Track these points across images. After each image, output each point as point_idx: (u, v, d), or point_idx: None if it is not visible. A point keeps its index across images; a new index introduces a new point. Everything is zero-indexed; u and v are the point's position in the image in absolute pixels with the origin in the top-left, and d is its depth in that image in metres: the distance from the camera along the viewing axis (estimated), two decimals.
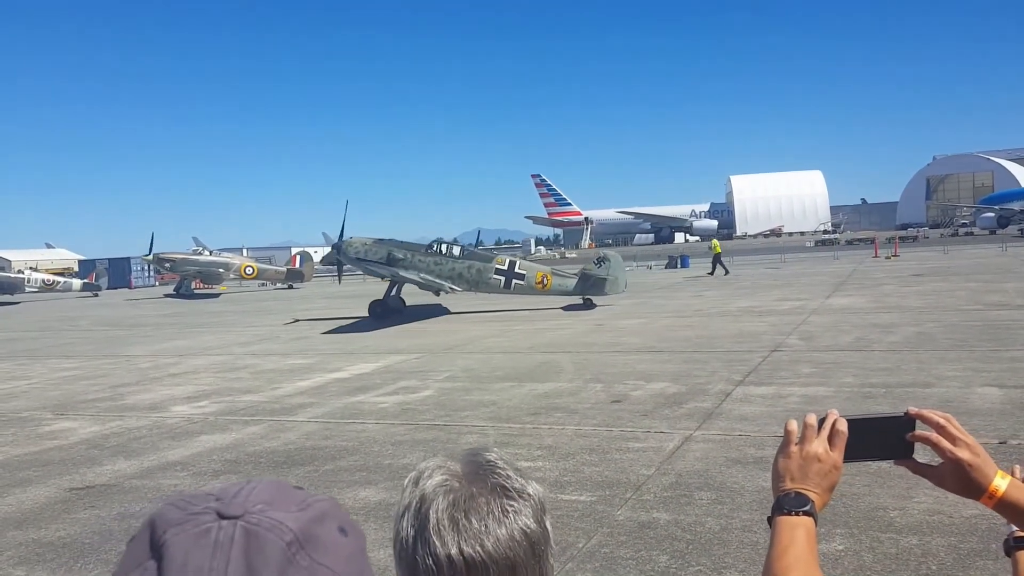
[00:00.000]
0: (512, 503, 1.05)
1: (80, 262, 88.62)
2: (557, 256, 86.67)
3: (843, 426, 1.45)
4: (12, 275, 57.50)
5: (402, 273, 25.51)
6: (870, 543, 5.51)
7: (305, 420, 10.74)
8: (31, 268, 65.98)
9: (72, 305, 45.81)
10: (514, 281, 26.06)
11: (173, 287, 52.00)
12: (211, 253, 51.93)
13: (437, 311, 26.88)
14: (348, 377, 14.16)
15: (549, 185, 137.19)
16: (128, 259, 72.20)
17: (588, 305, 25.26)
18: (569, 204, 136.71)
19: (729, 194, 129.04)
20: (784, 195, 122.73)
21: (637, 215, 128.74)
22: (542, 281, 25.98)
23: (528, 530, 1.05)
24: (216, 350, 19.55)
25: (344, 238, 27.21)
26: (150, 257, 49.29)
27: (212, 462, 8.84)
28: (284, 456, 8.90)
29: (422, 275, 25.68)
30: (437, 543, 1.02)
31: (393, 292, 26.42)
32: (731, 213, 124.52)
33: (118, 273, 69.71)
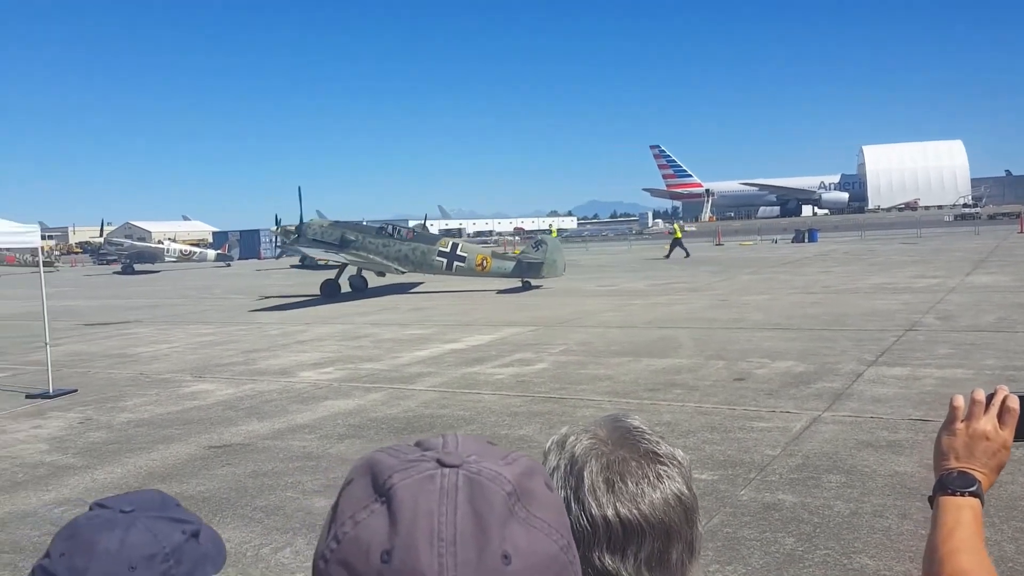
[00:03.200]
0: (664, 468, 1.06)
1: (214, 234, 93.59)
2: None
3: (1015, 403, 1.35)
4: (153, 246, 61.24)
5: (348, 256, 26.49)
6: (1012, 533, 5.16)
7: (423, 389, 10.96)
8: (170, 239, 70.16)
9: (207, 274, 48.39)
10: (455, 263, 26.65)
11: (298, 258, 54.04)
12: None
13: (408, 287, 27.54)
14: (464, 348, 14.35)
15: (668, 156, 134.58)
16: (257, 231, 75.58)
17: (527, 287, 25.54)
18: (689, 176, 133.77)
19: (861, 165, 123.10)
20: (921, 166, 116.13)
21: (762, 187, 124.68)
22: (482, 263, 26.42)
23: (682, 495, 1.05)
24: (339, 319, 20.21)
25: (304, 222, 28.69)
26: (277, 230, 51.36)
27: (337, 426, 9.14)
28: (404, 423, 9.10)
29: (371, 256, 26.77)
30: (593, 504, 1.02)
31: (343, 274, 27.22)
32: (863, 185, 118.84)
33: (248, 244, 73.18)
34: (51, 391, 11.69)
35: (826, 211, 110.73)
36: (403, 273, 27.45)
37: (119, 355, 15.70)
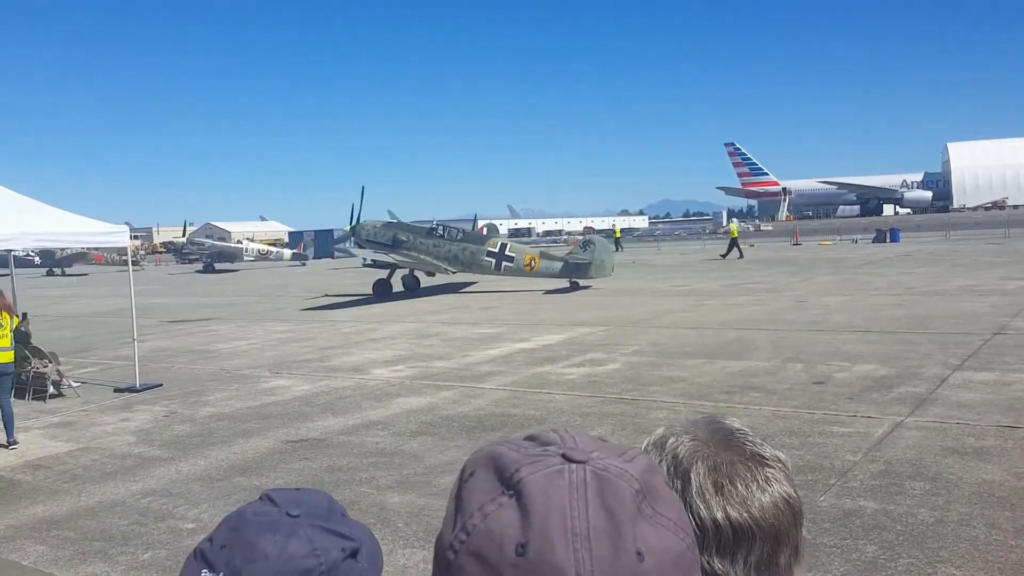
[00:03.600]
0: (772, 471, 1.03)
1: (290, 233, 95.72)
2: (752, 228, 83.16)
3: None
4: (233, 245, 63.03)
5: (397, 257, 26.94)
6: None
7: (494, 388, 10.99)
8: (248, 239, 72.10)
9: (283, 273, 49.56)
10: (504, 263, 26.78)
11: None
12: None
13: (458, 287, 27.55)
14: (534, 347, 14.35)
15: (744, 154, 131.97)
16: (331, 231, 77.01)
17: (574, 287, 25.52)
18: (765, 174, 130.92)
19: (946, 163, 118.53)
20: (1010, 164, 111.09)
21: (841, 185, 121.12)
22: (530, 263, 26.53)
23: (790, 498, 1.03)
24: (410, 318, 20.45)
25: (358, 223, 29.30)
26: (350, 229, 52.26)
27: (409, 423, 9.25)
28: (475, 421, 9.15)
29: (422, 257, 27.11)
30: (701, 506, 0.99)
31: (395, 274, 27.53)
32: (948, 184, 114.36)
33: (322, 244, 74.64)
34: (138, 385, 12.14)
35: (908, 210, 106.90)
36: (453, 273, 27.78)
37: (201, 351, 16.21)
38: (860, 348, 12.28)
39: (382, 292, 26.86)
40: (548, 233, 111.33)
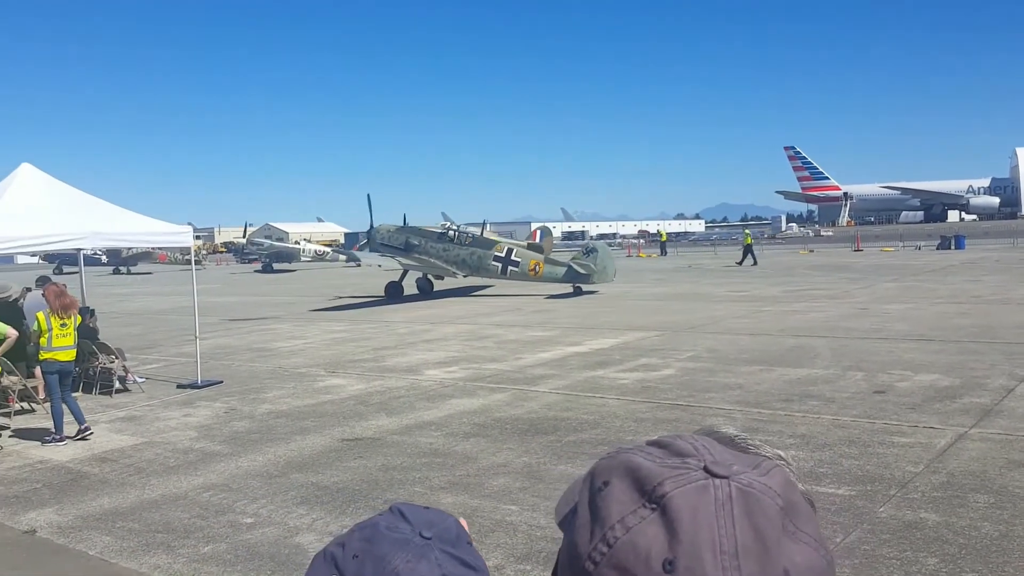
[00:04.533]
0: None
1: (345, 234, 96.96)
2: (811, 234, 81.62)
3: None
4: (290, 246, 64.15)
5: (405, 261, 27.41)
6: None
7: (547, 391, 10.99)
8: (306, 239, 73.27)
9: (338, 273, 50.20)
10: (510, 267, 27.29)
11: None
12: (457, 227, 54.64)
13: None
14: (588, 351, 14.30)
15: (804, 158, 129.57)
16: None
17: (578, 292, 25.87)
18: (826, 178, 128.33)
19: (1015, 168, 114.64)
20: None
21: (904, 190, 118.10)
22: (534, 269, 26.91)
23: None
24: (464, 319, 20.56)
25: (373, 227, 30.01)
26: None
27: (463, 424, 9.31)
28: (528, 424, 9.17)
29: (432, 260, 27.84)
30: None
31: (405, 276, 28.07)
32: (1016, 189, 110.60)
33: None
34: (199, 382, 12.45)
35: (974, 216, 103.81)
36: (464, 276, 28.36)
37: (260, 349, 16.55)
38: (923, 357, 11.98)
39: (393, 294, 27.63)
40: (602, 236, 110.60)
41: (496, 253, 27.65)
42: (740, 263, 39.34)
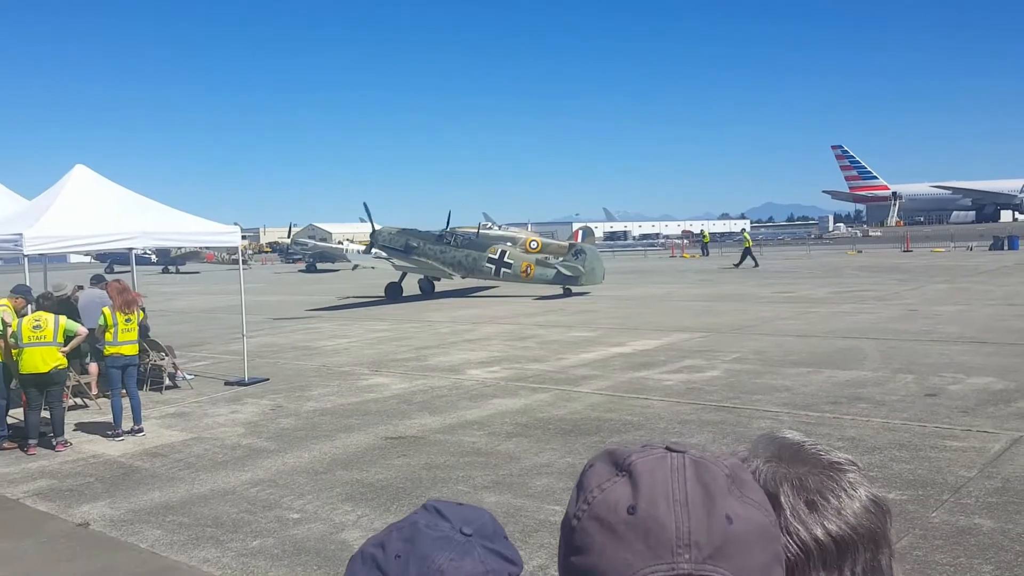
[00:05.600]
0: (851, 475, 1.03)
1: (437, 232, 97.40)
2: (859, 234, 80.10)
3: None
4: (334, 246, 64.75)
5: (400, 263, 28.21)
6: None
7: (590, 392, 10.94)
8: (348, 240, 73.90)
9: (381, 273, 50.44)
10: (503, 269, 27.87)
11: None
12: (499, 228, 54.70)
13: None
14: (631, 352, 14.21)
15: (852, 157, 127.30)
16: (429, 232, 78.04)
17: (568, 294, 26.27)
18: (875, 178, 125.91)
19: None
20: None
21: (955, 190, 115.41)
22: (526, 270, 27.49)
23: (876, 498, 1.03)
24: (505, 319, 20.58)
25: (375, 230, 31.24)
26: (446, 230, 53.00)
27: (505, 424, 9.31)
28: (571, 425, 9.14)
29: (429, 261, 28.71)
30: (800, 528, 0.99)
31: (404, 278, 28.78)
32: None
33: None
34: (246, 379, 12.64)
35: None
36: (462, 277, 28.95)
37: (304, 348, 16.75)
38: (975, 360, 11.68)
39: (393, 295, 28.47)
40: (645, 237, 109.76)
41: (490, 255, 28.29)
42: (738, 265, 39.39)
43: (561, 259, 27.49)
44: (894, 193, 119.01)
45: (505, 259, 28.01)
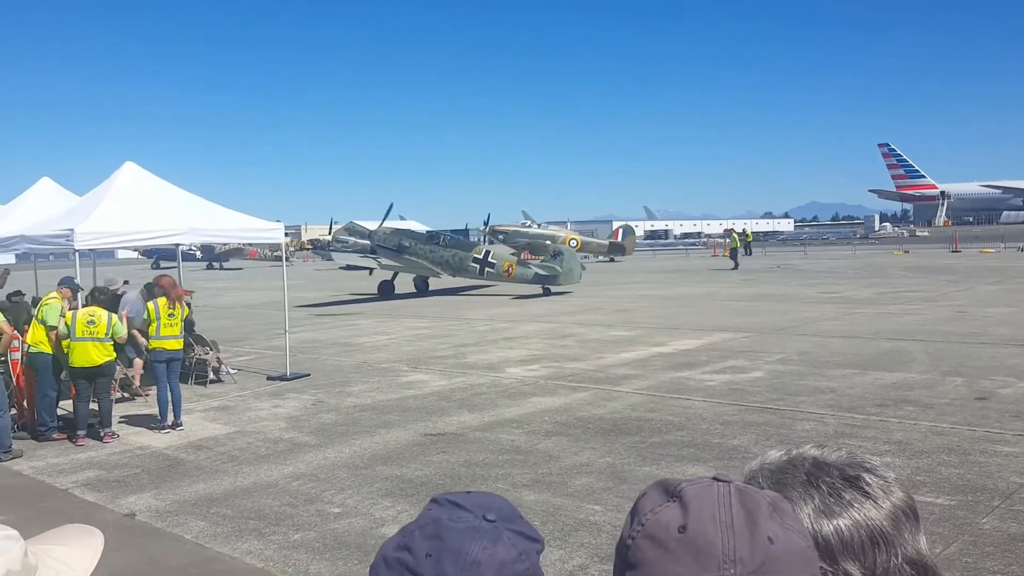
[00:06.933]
0: (871, 477, 1.08)
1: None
2: (906, 234, 78.43)
3: None
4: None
5: (386, 262, 29.03)
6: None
7: (630, 391, 10.87)
8: None
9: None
10: (487, 268, 28.82)
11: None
12: (539, 226, 54.57)
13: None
14: (672, 352, 14.09)
15: (899, 155, 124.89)
16: (467, 230, 78.35)
17: (547, 293, 27.09)
18: (922, 176, 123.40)
19: None
20: None
21: (1006, 189, 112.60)
22: (508, 270, 28.47)
23: (902, 500, 1.07)
24: (545, 318, 20.54)
25: (373, 230, 32.19)
26: (486, 229, 53.07)
27: (544, 422, 9.29)
28: (611, 424, 9.08)
29: (420, 261, 29.58)
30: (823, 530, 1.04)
31: (396, 276, 29.72)
32: None
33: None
34: (288, 374, 12.79)
35: None
36: (452, 276, 29.62)
37: (345, 344, 16.89)
38: None
39: (386, 292, 29.38)
40: (686, 235, 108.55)
41: (475, 255, 29.37)
42: (736, 267, 39.63)
43: (540, 260, 29.10)
44: (942, 192, 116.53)
45: (489, 259, 29.16)
